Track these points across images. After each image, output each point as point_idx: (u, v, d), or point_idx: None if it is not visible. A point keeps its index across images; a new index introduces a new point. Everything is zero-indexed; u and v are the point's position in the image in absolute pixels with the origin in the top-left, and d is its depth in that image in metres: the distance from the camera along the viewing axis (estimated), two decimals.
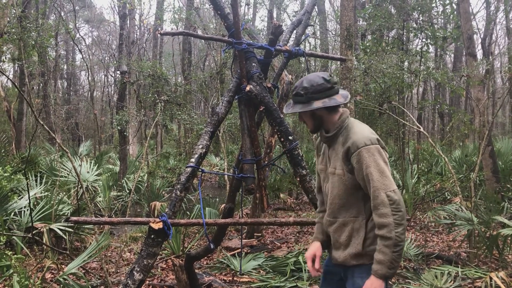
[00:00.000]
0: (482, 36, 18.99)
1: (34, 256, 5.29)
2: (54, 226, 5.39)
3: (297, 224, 3.21)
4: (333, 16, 22.49)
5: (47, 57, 11.92)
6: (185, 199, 3.48)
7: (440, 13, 9.74)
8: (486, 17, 19.88)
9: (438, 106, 15.51)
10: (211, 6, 4.12)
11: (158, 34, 3.39)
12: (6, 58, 11.29)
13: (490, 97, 17.11)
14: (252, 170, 3.20)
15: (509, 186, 7.97)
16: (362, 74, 9.02)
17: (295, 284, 4.45)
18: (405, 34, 9.94)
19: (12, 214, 5.58)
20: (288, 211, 9.45)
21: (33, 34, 9.06)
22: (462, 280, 4.30)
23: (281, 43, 3.67)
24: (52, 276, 4.68)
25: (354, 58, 8.65)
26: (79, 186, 6.54)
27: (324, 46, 18.19)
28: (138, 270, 2.87)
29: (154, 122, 10.01)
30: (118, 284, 4.43)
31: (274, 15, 17.29)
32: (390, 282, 4.39)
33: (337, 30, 20.20)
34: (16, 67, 18.35)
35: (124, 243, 6.38)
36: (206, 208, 7.00)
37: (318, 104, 2.16)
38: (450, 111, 13.87)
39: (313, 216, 7.94)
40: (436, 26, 9.89)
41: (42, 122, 5.10)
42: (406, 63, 8.91)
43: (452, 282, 4.18)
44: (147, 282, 4.57)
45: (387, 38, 10.54)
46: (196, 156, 3.15)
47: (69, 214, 5.96)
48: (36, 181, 7.18)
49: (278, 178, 10.72)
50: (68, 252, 5.04)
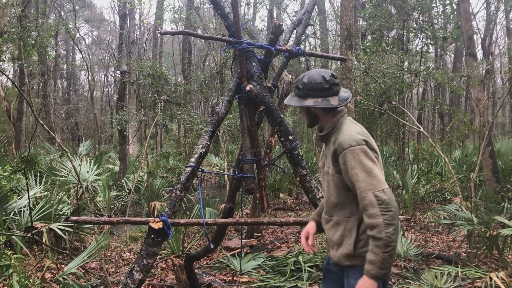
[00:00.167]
0: (482, 36, 18.99)
1: (34, 255, 5.29)
2: (54, 226, 5.39)
3: (297, 224, 3.20)
4: (333, 16, 22.50)
5: (47, 56, 11.91)
6: (185, 199, 3.47)
7: (440, 13, 9.74)
8: (486, 17, 19.89)
9: (438, 106, 15.52)
10: (211, 5, 4.12)
11: (158, 34, 3.38)
12: (6, 57, 11.28)
13: (490, 97, 17.10)
14: (252, 170, 3.20)
15: (509, 186, 7.98)
16: (362, 74, 9.03)
17: (295, 284, 4.45)
18: (405, 34, 9.94)
19: (11, 213, 5.57)
20: (288, 211, 9.45)
21: (33, 33, 9.05)
22: (462, 280, 4.30)
23: (281, 43, 3.66)
24: (51, 275, 4.68)
25: (354, 58, 8.65)
26: (79, 186, 6.54)
27: (324, 46, 18.20)
28: (138, 269, 2.86)
29: (154, 122, 9.99)
30: (118, 283, 4.43)
31: (274, 15, 17.28)
32: (390, 283, 4.39)
33: (337, 30, 20.21)
34: (16, 67, 18.36)
35: (123, 243, 6.38)
36: (206, 208, 6.99)
37: (309, 102, 2.18)
38: (450, 111, 13.87)
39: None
40: (436, 26, 9.88)
41: (42, 122, 5.10)
42: (406, 63, 8.90)
43: (452, 282, 4.18)
44: (147, 282, 4.57)
45: (387, 38, 10.54)
46: (196, 156, 3.14)
47: (68, 214, 5.96)
48: (35, 180, 7.18)
49: (278, 178, 10.72)
50: (67, 251, 5.04)
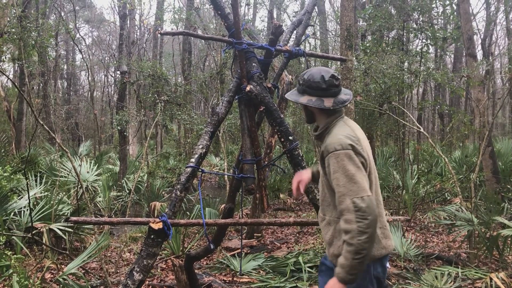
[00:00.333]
0: (482, 36, 18.99)
1: (34, 256, 5.29)
2: (54, 226, 5.39)
3: (297, 224, 3.20)
4: (333, 16, 22.48)
5: (47, 57, 11.91)
6: (185, 199, 3.47)
7: (440, 13, 9.74)
8: (486, 17, 19.89)
9: (438, 106, 15.51)
10: (211, 6, 4.12)
11: (158, 34, 3.38)
12: (6, 58, 11.28)
13: (490, 97, 17.10)
14: (252, 170, 3.20)
15: (509, 186, 7.98)
16: (362, 74, 9.02)
17: (295, 284, 4.45)
18: (405, 34, 9.94)
19: (11, 214, 5.57)
20: (288, 212, 9.45)
21: (33, 34, 9.05)
22: (462, 280, 4.30)
23: (281, 43, 3.66)
24: (51, 276, 4.68)
25: (354, 58, 8.66)
26: (79, 186, 6.54)
27: (324, 46, 18.19)
28: (138, 270, 2.86)
29: (154, 122, 10.00)
30: (118, 284, 4.43)
31: (274, 16, 17.29)
32: (390, 283, 4.38)
33: (337, 31, 20.20)
34: (16, 67, 18.35)
35: (124, 243, 6.38)
36: (206, 208, 7.00)
37: (304, 99, 2.19)
38: (450, 112, 13.86)
39: (313, 216, 7.94)
40: (436, 26, 9.87)
41: (42, 122, 5.10)
42: (406, 64, 8.90)
43: (452, 282, 4.18)
44: (147, 282, 4.57)
45: (387, 38, 10.54)
46: (196, 156, 3.14)
47: (69, 214, 5.96)
48: (36, 181, 7.18)
49: (278, 179, 10.73)
50: (67, 252, 5.04)
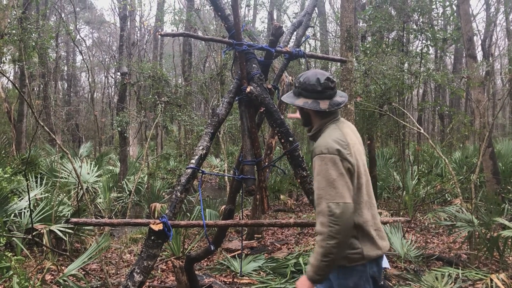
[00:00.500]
0: (482, 37, 19.02)
1: (34, 257, 5.29)
2: (54, 228, 5.39)
3: (297, 225, 3.20)
4: (333, 17, 22.51)
5: (48, 58, 11.92)
6: (185, 201, 3.47)
7: (440, 14, 9.75)
8: (486, 18, 19.91)
9: (438, 107, 15.50)
10: (212, 7, 4.12)
11: (159, 36, 3.39)
12: (6, 59, 11.29)
13: (490, 98, 17.11)
14: (252, 171, 3.20)
15: (509, 187, 7.98)
16: (362, 75, 9.01)
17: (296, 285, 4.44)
18: (405, 35, 9.94)
19: (12, 215, 5.58)
20: (288, 213, 9.45)
21: (33, 35, 9.06)
22: (462, 282, 4.30)
23: (281, 45, 3.66)
24: (52, 277, 4.68)
25: (354, 59, 8.64)
26: (79, 188, 6.54)
27: (324, 47, 18.20)
28: (138, 271, 2.86)
29: (155, 123, 9.99)
30: (118, 285, 4.43)
31: (275, 17, 17.31)
32: (391, 284, 4.38)
33: (337, 32, 20.22)
34: (16, 69, 18.36)
35: (124, 245, 6.37)
36: (206, 209, 7.00)
37: (300, 102, 2.22)
38: (450, 113, 13.85)
39: (313, 217, 7.94)
40: (436, 27, 9.88)
41: (42, 124, 5.10)
42: (406, 65, 8.90)
43: (452, 284, 4.17)
44: (147, 284, 4.57)
45: (387, 39, 10.54)
46: (196, 157, 3.14)
47: (69, 216, 5.96)
48: (36, 182, 7.18)
49: (278, 180, 10.73)
50: (68, 253, 5.04)
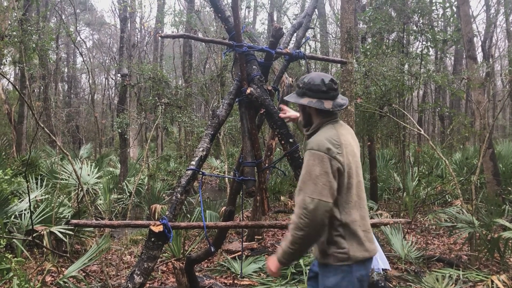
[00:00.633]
0: (482, 38, 19.03)
1: (34, 259, 5.29)
2: (55, 229, 5.39)
3: None
4: (333, 19, 22.53)
5: (48, 60, 11.94)
6: (185, 202, 3.47)
7: (440, 16, 9.75)
8: (486, 19, 19.92)
9: (439, 108, 15.49)
10: (212, 9, 4.13)
11: (159, 37, 3.40)
12: (7, 61, 11.31)
13: (491, 99, 17.11)
14: (252, 172, 3.20)
15: (510, 188, 7.97)
16: (363, 77, 9.02)
17: (296, 287, 4.44)
18: (405, 37, 9.95)
19: (12, 217, 5.57)
20: (288, 214, 9.43)
21: (34, 37, 9.08)
22: (463, 283, 4.29)
23: (281, 46, 3.67)
24: (52, 279, 4.67)
25: (355, 60, 8.65)
26: (80, 189, 6.54)
27: (324, 49, 18.20)
28: (139, 273, 2.86)
29: (155, 124, 9.99)
30: (119, 287, 4.43)
31: (275, 18, 17.32)
32: (391, 285, 4.37)
33: (337, 33, 20.22)
34: (17, 70, 18.37)
35: (124, 246, 6.37)
36: (207, 211, 6.99)
37: (305, 101, 2.28)
38: (451, 114, 13.86)
39: None
40: (436, 29, 9.90)
41: (42, 125, 5.10)
42: (406, 66, 8.90)
43: (453, 285, 4.17)
44: (148, 285, 4.56)
45: (388, 41, 10.55)
46: (196, 159, 3.14)
47: (69, 217, 5.96)
48: (36, 184, 7.18)
49: (278, 181, 10.72)
50: (68, 255, 5.04)
